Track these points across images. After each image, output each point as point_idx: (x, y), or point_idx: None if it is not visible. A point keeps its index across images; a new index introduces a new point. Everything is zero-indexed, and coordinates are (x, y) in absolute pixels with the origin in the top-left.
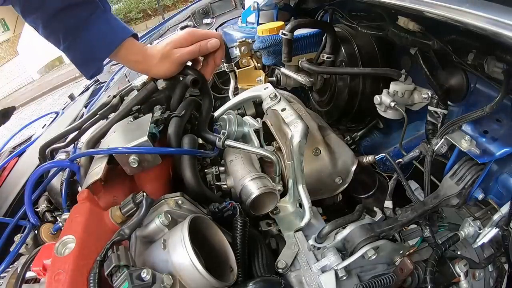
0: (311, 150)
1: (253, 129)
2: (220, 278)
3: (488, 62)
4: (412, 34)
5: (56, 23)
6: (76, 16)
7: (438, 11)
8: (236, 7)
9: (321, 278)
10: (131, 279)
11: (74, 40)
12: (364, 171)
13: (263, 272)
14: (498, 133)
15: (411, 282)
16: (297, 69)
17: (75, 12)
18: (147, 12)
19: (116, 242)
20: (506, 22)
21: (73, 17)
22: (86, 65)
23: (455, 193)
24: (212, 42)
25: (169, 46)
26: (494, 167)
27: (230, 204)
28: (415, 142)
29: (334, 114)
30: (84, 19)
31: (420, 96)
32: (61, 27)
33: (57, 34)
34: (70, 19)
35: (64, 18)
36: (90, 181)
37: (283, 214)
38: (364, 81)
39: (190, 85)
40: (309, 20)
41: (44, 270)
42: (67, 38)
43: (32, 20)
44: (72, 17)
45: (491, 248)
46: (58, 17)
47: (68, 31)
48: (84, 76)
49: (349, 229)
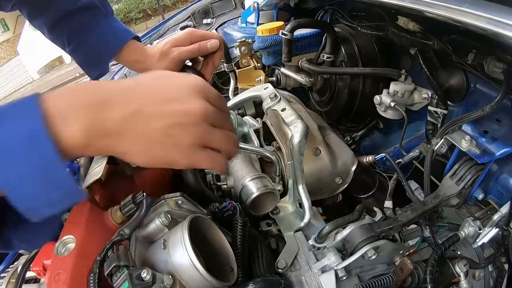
0: (311, 150)
1: (253, 129)
2: (220, 278)
3: (488, 62)
4: (412, 34)
5: (60, 27)
6: (80, 21)
7: (438, 11)
8: (236, 7)
9: (321, 278)
10: (131, 279)
11: (79, 44)
12: (364, 171)
13: (263, 272)
14: (498, 133)
15: (411, 282)
16: (297, 69)
17: (79, 17)
18: (147, 12)
19: (116, 242)
20: (506, 22)
21: (77, 21)
22: (91, 67)
23: (455, 193)
24: (211, 42)
25: (168, 44)
26: (494, 167)
27: (230, 204)
28: (415, 142)
29: (334, 114)
30: (87, 23)
31: (420, 96)
32: (66, 31)
33: (62, 38)
34: (74, 23)
35: (68, 22)
36: (90, 181)
37: (283, 214)
38: (364, 81)
39: None
40: (309, 20)
41: (44, 270)
42: (72, 42)
43: (38, 24)
44: (76, 22)
45: (491, 248)
46: (63, 21)
47: (72, 35)
48: (90, 77)
49: (349, 229)
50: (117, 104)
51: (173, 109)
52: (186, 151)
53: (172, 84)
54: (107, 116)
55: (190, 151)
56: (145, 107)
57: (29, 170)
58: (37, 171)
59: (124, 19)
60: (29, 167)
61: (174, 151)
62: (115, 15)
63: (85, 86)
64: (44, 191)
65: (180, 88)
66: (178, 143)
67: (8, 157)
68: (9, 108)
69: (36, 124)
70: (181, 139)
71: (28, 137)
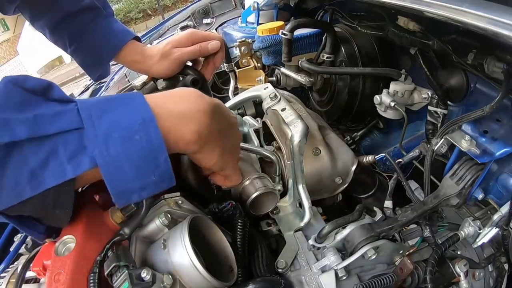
0: (311, 150)
1: (253, 129)
2: (220, 278)
3: (488, 62)
4: (412, 34)
5: (62, 29)
6: (81, 22)
7: (438, 11)
8: (236, 7)
9: (321, 278)
10: (131, 279)
11: (79, 45)
12: (364, 171)
13: (263, 272)
14: (498, 133)
15: (411, 282)
16: (297, 69)
17: (80, 18)
18: (147, 12)
19: (116, 242)
20: (506, 22)
21: (78, 22)
22: (91, 68)
23: (455, 193)
24: (212, 43)
25: (169, 45)
26: (494, 167)
27: (230, 204)
28: (415, 142)
29: (334, 114)
30: (88, 24)
31: (420, 96)
32: (67, 32)
33: (64, 39)
34: (75, 24)
35: (70, 23)
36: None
37: (283, 214)
38: (364, 81)
39: (190, 85)
40: (309, 20)
41: (44, 270)
42: (73, 43)
43: (40, 26)
44: (77, 23)
45: (491, 248)
46: (64, 22)
47: (73, 36)
48: (91, 78)
49: (349, 229)
50: (217, 118)
51: (235, 131)
52: (234, 163)
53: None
54: (212, 126)
55: (235, 164)
56: (228, 127)
57: (135, 152)
58: (142, 153)
59: (124, 19)
60: (136, 149)
61: (232, 160)
62: (115, 15)
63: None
64: (143, 174)
65: (227, 114)
66: (235, 154)
67: (115, 139)
68: (120, 96)
69: (148, 112)
70: (235, 152)
71: (141, 122)
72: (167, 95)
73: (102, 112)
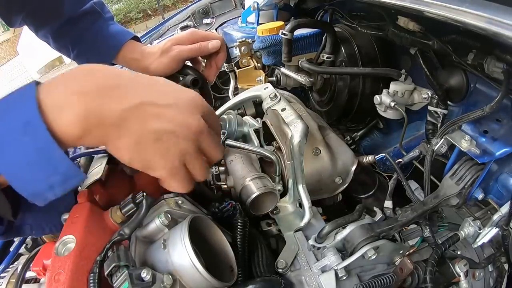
0: (311, 150)
1: (253, 129)
2: (220, 278)
3: (488, 62)
4: (412, 34)
5: (64, 35)
6: (81, 26)
7: (438, 11)
8: (236, 7)
9: (321, 278)
10: (131, 279)
11: (80, 49)
12: (364, 171)
13: (263, 272)
14: (498, 133)
15: (411, 282)
16: (297, 69)
17: (80, 22)
18: (147, 12)
19: (116, 242)
20: (506, 22)
21: (79, 26)
22: None
23: (455, 193)
24: (213, 43)
25: (169, 43)
26: (494, 167)
27: (230, 204)
28: (415, 142)
29: (334, 114)
30: (88, 28)
31: (420, 96)
32: (68, 38)
33: (66, 45)
34: (76, 29)
35: (71, 28)
36: (90, 181)
37: (283, 214)
38: (364, 81)
39: (190, 85)
40: (309, 20)
41: (44, 270)
42: (75, 47)
43: (43, 34)
44: (78, 27)
45: (491, 248)
46: (66, 28)
47: (75, 40)
48: None
49: (349, 229)
50: (121, 94)
51: (172, 115)
52: (170, 163)
53: (177, 91)
54: (106, 106)
55: (173, 164)
56: (147, 104)
57: (26, 156)
58: (34, 156)
59: (124, 19)
60: (26, 153)
61: (159, 157)
62: (115, 15)
63: (97, 68)
64: (43, 175)
65: (185, 98)
66: (165, 152)
67: (7, 145)
68: (9, 98)
69: (31, 111)
70: (169, 149)
71: (24, 124)
72: (62, 79)
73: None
